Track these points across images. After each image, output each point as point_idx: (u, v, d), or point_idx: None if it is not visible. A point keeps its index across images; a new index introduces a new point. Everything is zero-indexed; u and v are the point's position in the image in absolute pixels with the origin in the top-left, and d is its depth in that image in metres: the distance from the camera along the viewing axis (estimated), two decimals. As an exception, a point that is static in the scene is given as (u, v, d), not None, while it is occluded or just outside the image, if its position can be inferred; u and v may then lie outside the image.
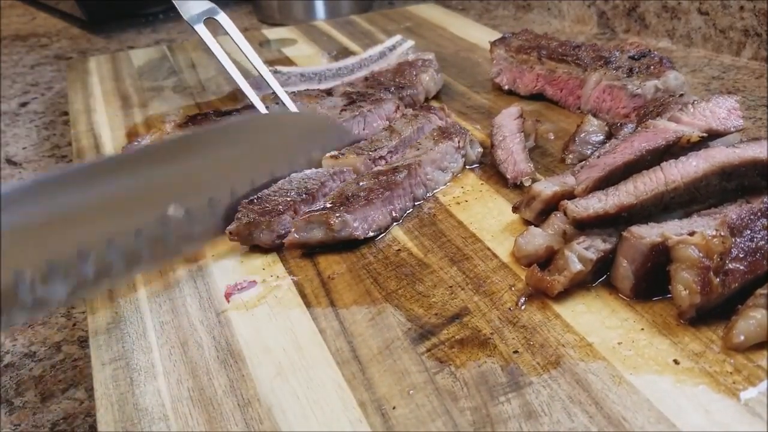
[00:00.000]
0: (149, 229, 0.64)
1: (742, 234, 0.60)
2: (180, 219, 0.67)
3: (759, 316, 0.55)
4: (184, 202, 0.66)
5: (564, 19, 1.55)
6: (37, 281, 0.57)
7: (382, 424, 0.52)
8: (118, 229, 0.62)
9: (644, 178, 0.67)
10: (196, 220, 0.69)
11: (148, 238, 0.64)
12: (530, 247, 0.67)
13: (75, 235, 0.60)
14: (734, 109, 0.75)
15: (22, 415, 0.70)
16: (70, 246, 0.59)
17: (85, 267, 0.60)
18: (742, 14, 1.19)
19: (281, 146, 0.80)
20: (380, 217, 0.76)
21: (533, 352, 0.58)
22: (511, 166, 0.84)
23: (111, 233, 0.61)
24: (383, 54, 1.17)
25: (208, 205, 0.70)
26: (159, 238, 0.65)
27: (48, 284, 0.57)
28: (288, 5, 1.76)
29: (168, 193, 0.66)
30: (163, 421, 0.55)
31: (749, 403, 0.51)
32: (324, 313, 0.65)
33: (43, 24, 2.04)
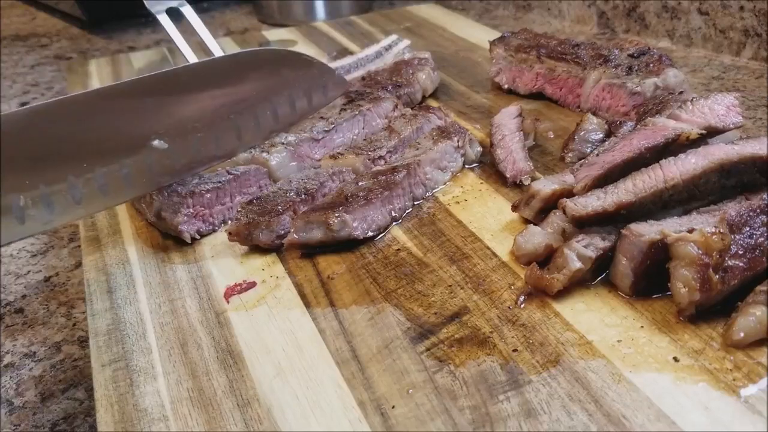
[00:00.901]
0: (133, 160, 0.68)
1: (742, 231, 0.60)
2: (164, 149, 0.70)
3: (759, 313, 0.55)
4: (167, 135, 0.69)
5: (564, 19, 1.55)
6: (29, 205, 0.62)
7: (382, 423, 0.52)
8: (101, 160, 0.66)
9: (643, 175, 0.67)
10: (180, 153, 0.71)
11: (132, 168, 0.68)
12: (529, 246, 0.67)
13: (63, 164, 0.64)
14: (733, 107, 0.75)
15: (22, 415, 0.70)
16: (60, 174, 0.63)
17: (75, 192, 0.65)
18: (742, 14, 1.19)
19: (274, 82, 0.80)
20: (379, 217, 0.76)
21: (533, 350, 0.58)
22: (511, 165, 0.84)
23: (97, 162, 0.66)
24: (379, 53, 1.17)
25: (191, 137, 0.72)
26: (143, 169, 0.69)
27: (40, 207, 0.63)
28: (288, 6, 1.76)
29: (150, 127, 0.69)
30: (162, 421, 0.55)
31: (749, 400, 0.51)
32: (323, 313, 0.65)
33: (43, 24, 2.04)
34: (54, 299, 0.87)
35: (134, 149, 0.69)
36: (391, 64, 1.11)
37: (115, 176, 0.67)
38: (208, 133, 0.74)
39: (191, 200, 0.77)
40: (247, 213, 0.75)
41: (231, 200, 0.81)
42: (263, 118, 0.79)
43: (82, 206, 0.66)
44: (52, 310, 0.85)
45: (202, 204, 0.78)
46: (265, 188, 0.83)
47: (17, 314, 0.84)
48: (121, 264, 0.75)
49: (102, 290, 0.71)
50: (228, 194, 0.81)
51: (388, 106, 0.96)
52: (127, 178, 0.68)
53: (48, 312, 0.84)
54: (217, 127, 0.75)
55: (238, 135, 0.77)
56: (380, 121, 0.94)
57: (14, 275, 0.92)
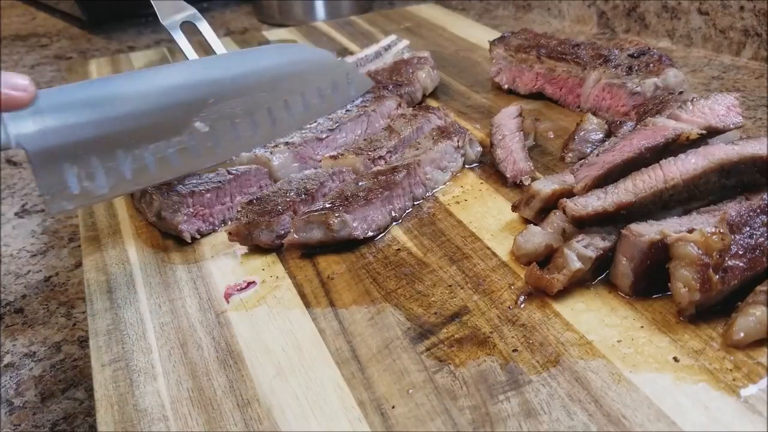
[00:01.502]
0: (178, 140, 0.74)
1: (742, 231, 0.60)
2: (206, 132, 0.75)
3: (759, 313, 0.55)
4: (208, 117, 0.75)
5: (564, 19, 1.55)
6: (82, 176, 0.67)
7: (382, 423, 0.52)
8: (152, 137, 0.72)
9: (643, 175, 0.67)
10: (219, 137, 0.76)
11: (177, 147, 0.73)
12: (529, 246, 0.67)
13: (114, 140, 0.69)
14: (733, 107, 0.75)
15: (22, 415, 0.70)
16: (111, 149, 0.69)
17: (124, 168, 0.70)
18: (742, 14, 1.19)
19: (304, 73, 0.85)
20: (379, 217, 0.76)
21: (533, 350, 0.58)
22: (511, 165, 0.84)
23: (146, 140, 0.71)
24: (379, 53, 1.17)
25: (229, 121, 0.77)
26: (186, 149, 0.74)
27: (92, 179, 0.68)
28: (288, 6, 1.76)
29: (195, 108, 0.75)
30: (162, 421, 0.55)
31: (749, 400, 0.51)
32: (323, 313, 0.65)
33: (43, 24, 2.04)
34: (54, 299, 0.87)
35: (178, 130, 0.74)
36: (391, 64, 1.11)
37: (161, 154, 0.72)
38: (245, 119, 0.78)
39: (191, 200, 0.77)
40: (247, 213, 0.75)
41: (231, 200, 0.81)
42: (296, 109, 0.83)
43: (132, 181, 0.71)
44: (52, 310, 0.85)
45: (203, 203, 0.78)
46: (265, 188, 0.83)
47: (17, 314, 0.84)
48: (121, 264, 0.75)
49: (102, 290, 0.71)
50: (228, 194, 0.81)
51: (392, 104, 0.96)
52: (173, 157, 0.73)
53: (48, 312, 0.84)
54: (254, 115, 0.79)
55: (273, 123, 0.81)
56: (383, 121, 0.94)
57: (14, 275, 0.92)
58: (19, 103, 0.63)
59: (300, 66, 0.85)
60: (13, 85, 0.62)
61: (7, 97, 0.62)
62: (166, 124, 0.73)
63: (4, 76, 0.62)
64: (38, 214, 1.06)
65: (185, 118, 0.74)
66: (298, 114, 0.83)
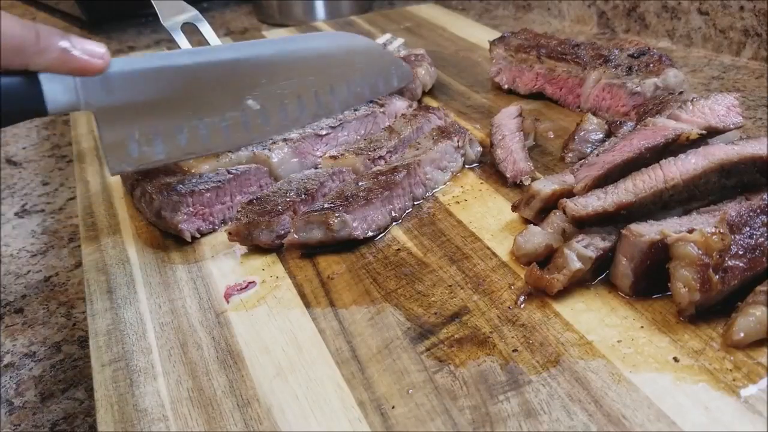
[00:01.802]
0: (231, 115, 0.78)
1: (742, 231, 0.60)
2: (257, 110, 0.80)
3: (759, 313, 0.55)
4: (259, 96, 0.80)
5: (564, 19, 1.55)
6: (143, 141, 0.73)
7: (382, 423, 0.52)
8: (208, 111, 0.77)
9: (643, 176, 0.67)
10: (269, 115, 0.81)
11: (230, 122, 0.78)
12: (529, 246, 0.67)
13: (173, 110, 0.75)
14: (733, 107, 0.75)
15: (22, 415, 0.70)
16: (170, 118, 0.74)
17: (180, 136, 0.75)
18: (742, 14, 1.18)
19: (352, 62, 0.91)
20: (379, 217, 0.76)
21: (532, 350, 0.58)
22: (511, 165, 0.84)
23: (202, 113, 0.76)
24: None
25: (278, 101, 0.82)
26: (238, 125, 0.79)
27: (151, 144, 0.73)
28: (288, 6, 1.76)
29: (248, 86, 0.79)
30: (162, 421, 0.55)
31: (749, 401, 0.51)
32: (323, 313, 0.65)
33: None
34: (54, 299, 0.87)
35: (233, 105, 0.79)
36: (390, 62, 1.11)
37: (216, 127, 0.77)
38: (293, 100, 0.83)
39: (191, 199, 0.77)
40: (247, 213, 0.75)
41: (231, 199, 0.81)
42: (341, 94, 0.88)
43: (186, 149, 0.76)
44: (52, 310, 0.85)
45: (203, 203, 0.78)
46: (265, 187, 0.83)
47: (17, 314, 0.84)
48: (121, 264, 0.75)
49: (102, 290, 0.71)
50: (228, 193, 0.81)
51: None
52: (226, 130, 0.78)
53: (48, 312, 0.84)
54: (302, 97, 0.84)
55: (319, 106, 0.86)
56: (390, 121, 0.94)
57: (14, 275, 0.92)
58: (94, 69, 0.66)
59: (347, 53, 0.90)
60: (90, 51, 0.65)
61: (84, 63, 0.64)
62: (221, 99, 0.78)
63: (82, 42, 0.65)
64: (38, 214, 1.06)
65: (239, 95, 0.79)
66: (343, 99, 0.88)
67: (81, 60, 0.64)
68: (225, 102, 0.78)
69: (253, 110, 0.80)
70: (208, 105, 0.77)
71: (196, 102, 0.76)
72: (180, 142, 0.75)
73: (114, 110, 0.71)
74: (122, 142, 0.72)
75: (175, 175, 0.80)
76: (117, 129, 0.72)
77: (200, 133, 0.76)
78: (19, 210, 1.08)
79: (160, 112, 0.74)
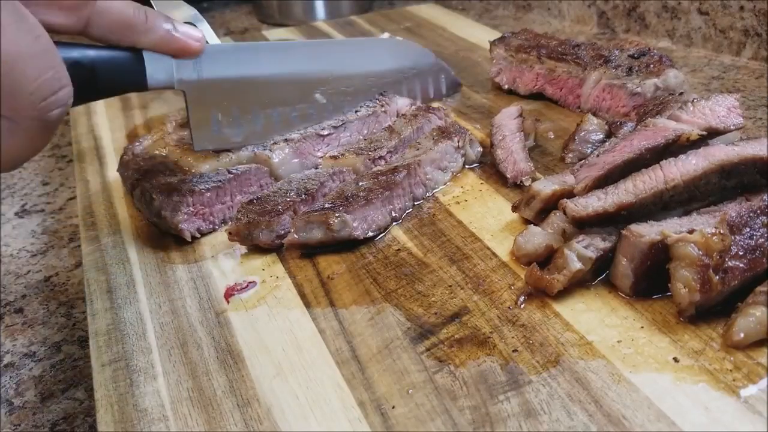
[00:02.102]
0: (301, 107, 0.88)
1: (742, 232, 0.60)
2: (323, 104, 0.90)
3: (759, 314, 0.55)
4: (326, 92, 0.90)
5: (564, 19, 1.55)
6: (224, 123, 0.81)
7: (382, 423, 0.52)
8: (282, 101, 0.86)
9: (644, 176, 0.67)
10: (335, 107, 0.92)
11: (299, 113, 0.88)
12: (530, 246, 0.67)
13: (252, 97, 0.83)
14: (734, 108, 0.74)
15: (22, 415, 0.70)
16: (249, 104, 0.83)
17: (257, 122, 0.84)
18: (742, 14, 1.18)
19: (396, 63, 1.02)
20: (380, 217, 0.76)
21: (533, 350, 0.58)
22: (511, 165, 0.84)
23: (277, 103, 0.86)
24: None
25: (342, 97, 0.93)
26: (306, 115, 0.89)
27: (231, 127, 0.82)
28: (288, 5, 1.76)
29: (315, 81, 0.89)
30: (162, 421, 0.55)
31: (749, 401, 0.51)
32: (323, 313, 0.65)
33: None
34: (54, 299, 0.87)
35: (303, 98, 0.88)
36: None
37: (286, 116, 0.87)
38: (355, 97, 0.94)
39: (191, 198, 0.77)
40: (247, 213, 0.75)
41: (231, 199, 0.81)
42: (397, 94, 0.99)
43: (261, 134, 0.85)
44: (52, 310, 0.85)
45: (203, 203, 0.78)
46: (266, 187, 0.83)
47: (17, 314, 0.84)
48: (121, 264, 0.75)
49: (102, 290, 0.71)
50: (228, 193, 0.81)
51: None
52: (294, 120, 0.88)
53: (48, 312, 0.84)
54: (362, 95, 0.95)
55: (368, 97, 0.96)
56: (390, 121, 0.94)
57: (14, 275, 0.92)
58: (192, 51, 0.72)
59: (405, 61, 1.01)
60: (189, 34, 0.71)
61: (184, 44, 0.71)
62: (294, 92, 0.87)
63: (183, 26, 0.71)
64: (38, 214, 1.06)
65: (310, 89, 0.89)
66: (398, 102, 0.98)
67: (181, 41, 0.70)
68: (296, 94, 0.87)
69: (320, 104, 0.89)
70: (282, 96, 0.86)
71: (273, 92, 0.85)
72: (256, 126, 0.84)
73: (202, 91, 0.77)
74: (207, 123, 0.79)
75: (175, 174, 0.80)
76: (204, 110, 0.79)
77: (273, 120, 0.85)
78: (19, 210, 1.08)
79: (242, 99, 0.82)
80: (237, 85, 0.81)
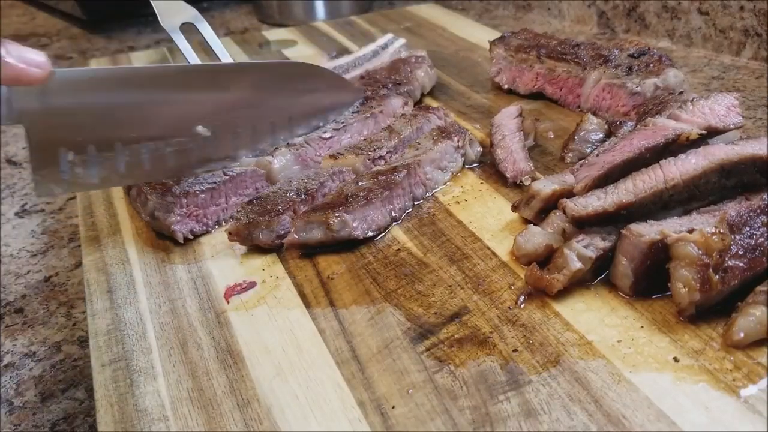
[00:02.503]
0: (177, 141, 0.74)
1: (742, 231, 0.60)
2: (206, 138, 0.75)
3: (759, 313, 0.55)
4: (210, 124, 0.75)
5: (564, 19, 1.55)
6: (77, 162, 0.67)
7: (382, 423, 0.52)
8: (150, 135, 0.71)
9: (643, 176, 0.67)
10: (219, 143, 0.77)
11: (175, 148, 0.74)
12: (530, 246, 0.67)
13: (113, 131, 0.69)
14: (733, 107, 0.75)
15: (22, 415, 0.70)
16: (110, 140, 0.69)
17: (119, 160, 0.70)
18: (742, 14, 1.18)
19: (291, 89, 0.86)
20: (379, 217, 0.76)
21: (533, 350, 0.58)
22: (511, 165, 0.84)
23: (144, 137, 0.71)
24: (376, 52, 1.17)
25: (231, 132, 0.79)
26: (184, 151, 0.75)
27: (86, 167, 0.68)
28: (288, 5, 1.76)
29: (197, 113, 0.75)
30: (162, 421, 0.55)
31: (749, 401, 0.51)
32: (323, 313, 0.65)
33: (43, 24, 2.04)
34: (54, 299, 0.87)
35: (180, 131, 0.74)
36: (389, 63, 1.11)
37: (158, 153, 0.73)
38: (246, 129, 0.80)
39: (185, 200, 0.77)
40: (247, 213, 0.75)
41: (226, 201, 0.81)
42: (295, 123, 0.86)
43: (124, 175, 0.72)
44: (52, 310, 0.85)
45: (197, 204, 0.78)
46: (261, 190, 0.82)
47: (17, 314, 0.84)
48: (121, 264, 0.75)
49: (102, 290, 0.71)
50: (223, 195, 0.80)
51: (397, 103, 0.97)
52: (169, 157, 0.74)
53: (48, 312, 0.84)
54: (254, 126, 0.81)
55: (273, 134, 0.83)
56: (389, 121, 0.94)
57: (14, 275, 0.92)
58: (32, 79, 0.61)
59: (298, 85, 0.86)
60: (28, 60, 0.60)
61: (20, 72, 0.60)
62: (168, 123, 0.73)
63: (19, 49, 0.59)
64: (38, 214, 1.06)
65: (189, 120, 0.74)
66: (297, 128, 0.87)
67: (16, 68, 0.59)
68: (171, 126, 0.73)
69: (201, 137, 0.75)
70: (153, 128, 0.72)
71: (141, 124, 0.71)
72: (118, 166, 0.71)
73: (49, 127, 0.65)
74: (54, 163, 0.67)
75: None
76: (50, 148, 0.66)
77: (141, 158, 0.72)
78: (19, 210, 1.08)
79: (100, 133, 0.68)
80: (95, 118, 0.68)
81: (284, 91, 0.83)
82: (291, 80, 0.85)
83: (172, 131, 0.73)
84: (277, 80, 0.83)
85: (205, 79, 0.77)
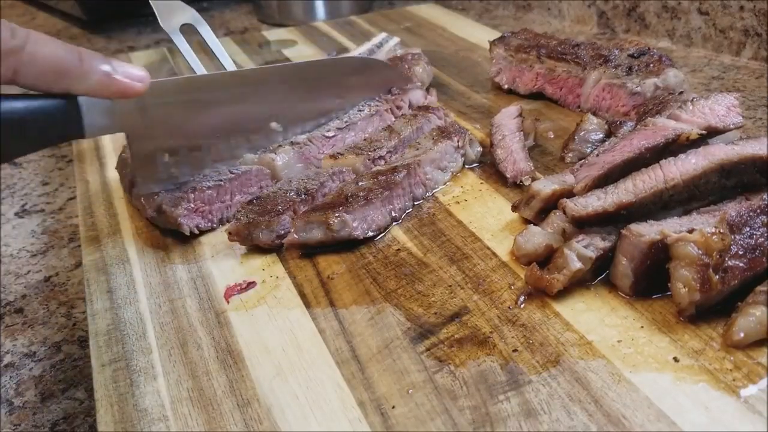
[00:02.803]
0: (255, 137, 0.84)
1: (742, 231, 0.60)
2: (279, 132, 0.86)
3: (759, 313, 0.55)
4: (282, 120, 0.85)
5: (564, 19, 1.55)
6: (171, 163, 0.77)
7: (382, 423, 0.52)
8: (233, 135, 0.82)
9: (643, 176, 0.67)
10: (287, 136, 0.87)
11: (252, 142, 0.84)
12: (530, 246, 0.67)
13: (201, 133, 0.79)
14: (733, 107, 0.74)
15: (22, 415, 0.70)
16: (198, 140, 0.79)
17: (205, 156, 0.80)
18: (742, 14, 1.18)
19: None
20: (379, 217, 0.76)
21: (533, 350, 0.58)
22: (511, 165, 0.84)
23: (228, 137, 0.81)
24: (372, 51, 1.17)
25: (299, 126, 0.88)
26: (261, 145, 0.85)
27: (178, 166, 0.78)
28: (288, 6, 1.76)
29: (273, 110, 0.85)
30: (162, 421, 0.55)
31: (749, 401, 0.51)
32: (323, 313, 0.65)
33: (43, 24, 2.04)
34: (54, 299, 0.87)
35: (257, 128, 0.84)
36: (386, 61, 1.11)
37: (236, 147, 0.83)
38: (314, 124, 0.89)
39: (192, 195, 0.77)
40: (247, 213, 0.75)
41: (231, 199, 0.81)
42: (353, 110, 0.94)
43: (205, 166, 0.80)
44: (52, 310, 0.85)
45: (203, 200, 0.78)
46: (266, 188, 0.83)
47: (17, 314, 0.84)
48: (121, 264, 0.75)
49: (102, 290, 0.71)
50: (228, 192, 0.81)
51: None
52: (243, 151, 0.83)
53: (48, 312, 0.84)
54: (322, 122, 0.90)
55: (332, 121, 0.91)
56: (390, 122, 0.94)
57: (14, 275, 0.92)
58: (134, 92, 0.65)
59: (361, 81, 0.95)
60: (131, 75, 0.65)
61: (125, 87, 0.64)
62: (247, 123, 0.82)
63: (124, 66, 0.64)
64: (38, 214, 1.06)
65: (265, 119, 0.84)
66: None
67: (122, 83, 0.64)
68: (250, 125, 0.82)
69: (275, 132, 0.85)
70: (233, 129, 0.81)
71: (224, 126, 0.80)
72: (204, 161, 0.80)
73: (147, 135, 0.74)
74: (152, 165, 0.76)
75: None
76: (149, 151, 0.75)
77: (222, 154, 0.81)
78: (19, 210, 1.08)
79: (190, 137, 0.77)
80: (186, 125, 0.77)
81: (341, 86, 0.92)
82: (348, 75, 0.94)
83: (250, 128, 0.83)
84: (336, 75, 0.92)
85: (276, 78, 0.85)
